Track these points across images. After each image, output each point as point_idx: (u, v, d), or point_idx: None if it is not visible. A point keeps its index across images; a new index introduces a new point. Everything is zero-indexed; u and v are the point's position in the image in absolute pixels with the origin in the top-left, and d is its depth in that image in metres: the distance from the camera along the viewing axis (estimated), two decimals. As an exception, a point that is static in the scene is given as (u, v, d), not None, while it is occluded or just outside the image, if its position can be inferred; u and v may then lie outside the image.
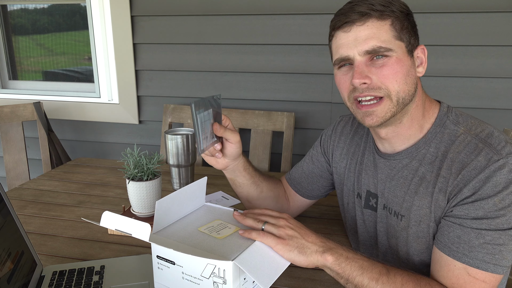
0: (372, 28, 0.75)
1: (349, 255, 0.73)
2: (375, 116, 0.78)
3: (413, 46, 0.78)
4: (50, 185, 1.41)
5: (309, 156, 1.10)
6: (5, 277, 0.67)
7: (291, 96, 1.76)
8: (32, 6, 2.05)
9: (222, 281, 0.68)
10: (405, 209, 0.82)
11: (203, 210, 0.89)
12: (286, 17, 1.68)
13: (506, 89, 1.57)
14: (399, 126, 0.82)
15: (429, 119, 0.82)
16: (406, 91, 0.77)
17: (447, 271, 0.73)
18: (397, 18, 0.76)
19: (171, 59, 1.84)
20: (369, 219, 0.93)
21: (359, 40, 0.76)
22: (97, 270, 0.85)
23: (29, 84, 2.13)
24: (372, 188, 0.91)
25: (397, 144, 0.84)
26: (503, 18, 1.51)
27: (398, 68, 0.75)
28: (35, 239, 1.02)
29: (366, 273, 0.71)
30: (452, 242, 0.73)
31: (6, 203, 0.77)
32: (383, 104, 0.77)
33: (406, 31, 0.77)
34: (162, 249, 0.74)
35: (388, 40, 0.75)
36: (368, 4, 0.75)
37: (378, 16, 0.75)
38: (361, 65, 0.76)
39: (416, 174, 0.81)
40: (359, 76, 0.76)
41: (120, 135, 2.02)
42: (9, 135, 1.82)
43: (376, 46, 0.75)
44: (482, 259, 0.70)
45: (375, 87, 0.76)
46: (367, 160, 0.93)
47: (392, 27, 0.75)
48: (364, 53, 0.76)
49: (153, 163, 1.05)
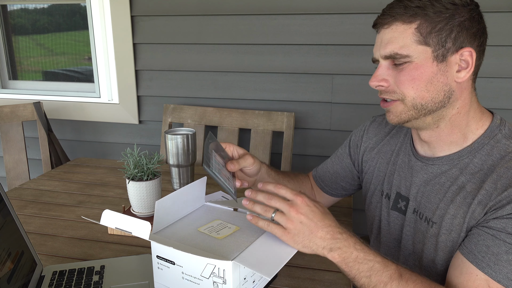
0: (395, 32, 0.74)
1: (360, 255, 0.69)
2: (391, 114, 0.80)
3: (448, 50, 0.72)
4: (50, 185, 1.41)
5: (336, 155, 1.09)
6: (5, 277, 0.67)
7: (291, 96, 1.76)
8: (32, 6, 2.05)
9: (222, 281, 0.68)
10: (438, 216, 0.79)
11: (203, 210, 0.89)
12: (286, 17, 1.68)
13: (506, 89, 1.57)
14: (436, 130, 0.80)
15: (476, 129, 0.78)
16: (427, 98, 0.75)
17: (467, 279, 0.70)
18: (428, 20, 0.72)
19: (171, 59, 1.84)
20: (395, 221, 0.90)
21: (382, 44, 0.76)
22: (97, 270, 0.85)
23: (29, 84, 2.14)
24: (403, 190, 0.88)
25: (437, 149, 0.82)
26: (503, 18, 1.51)
27: (417, 75, 0.74)
28: (35, 239, 1.02)
29: (375, 276, 0.68)
30: (479, 251, 0.69)
31: (6, 203, 0.77)
32: (395, 105, 0.78)
33: (437, 34, 0.72)
34: (162, 249, 0.74)
35: (407, 45, 0.73)
36: (400, 7, 0.74)
37: (405, 18, 0.73)
38: (382, 68, 0.78)
39: (455, 182, 0.78)
40: (374, 79, 0.78)
41: (120, 135, 2.02)
42: (9, 135, 1.82)
43: (393, 52, 0.74)
44: (506, 275, 0.67)
45: (391, 90, 0.77)
46: (401, 162, 0.90)
47: (417, 30, 0.72)
48: (384, 57, 0.77)
49: (153, 163, 1.05)
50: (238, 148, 0.90)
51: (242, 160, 0.88)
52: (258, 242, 0.75)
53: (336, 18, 1.62)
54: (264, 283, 0.80)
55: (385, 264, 0.70)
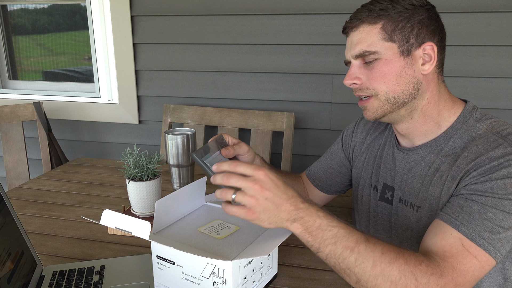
0: (362, 33, 0.81)
1: (323, 222, 0.67)
2: (368, 111, 0.85)
3: (411, 46, 0.79)
4: (50, 185, 1.41)
5: (329, 152, 1.12)
6: (5, 277, 0.67)
7: (291, 96, 1.76)
8: (32, 6, 2.05)
9: (222, 281, 0.68)
10: (421, 200, 0.84)
11: (202, 210, 0.89)
12: (286, 17, 1.68)
13: (506, 89, 1.57)
14: (411, 122, 0.85)
15: (449, 117, 0.83)
16: (399, 91, 0.80)
17: (441, 238, 0.71)
18: (391, 20, 0.78)
19: (171, 59, 1.84)
20: (383, 211, 0.94)
21: (351, 45, 0.83)
22: (97, 270, 0.85)
23: (29, 84, 2.14)
24: (389, 181, 0.93)
25: (415, 139, 0.87)
26: (503, 18, 1.51)
27: (387, 70, 0.79)
28: (35, 239, 1.02)
29: (340, 242, 0.66)
30: (453, 211, 0.72)
31: (6, 203, 0.77)
32: (371, 102, 0.83)
33: (400, 31, 0.78)
34: (162, 249, 0.74)
35: (374, 43, 0.79)
36: (366, 10, 0.81)
37: (371, 20, 0.80)
38: (354, 67, 0.83)
39: (432, 165, 0.83)
40: (348, 77, 0.84)
41: (120, 135, 2.02)
42: (9, 135, 1.82)
43: (362, 50, 0.80)
44: (479, 233, 0.69)
45: (364, 87, 0.83)
46: (386, 154, 0.95)
47: (382, 29, 0.79)
48: (355, 57, 0.82)
49: (153, 163, 1.05)
50: (233, 137, 0.91)
51: (237, 147, 0.89)
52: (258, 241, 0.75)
53: (336, 18, 1.62)
54: (264, 283, 0.80)
55: (350, 230, 0.68)
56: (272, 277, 0.83)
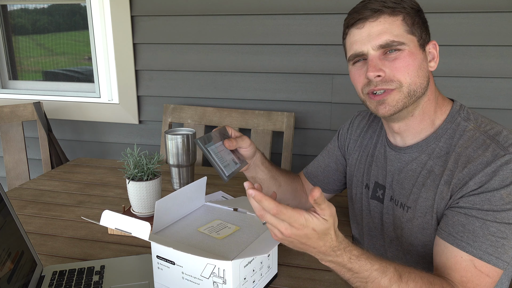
0: (385, 23, 0.78)
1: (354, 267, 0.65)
2: (387, 105, 0.80)
3: (424, 41, 0.81)
4: (50, 185, 1.41)
5: (326, 150, 1.13)
6: (5, 277, 0.67)
7: (291, 96, 1.76)
8: (32, 6, 2.04)
9: (222, 281, 0.68)
10: (412, 201, 0.84)
11: (202, 210, 0.89)
12: (286, 17, 1.67)
13: (506, 89, 1.57)
14: (411, 119, 0.84)
15: (441, 115, 0.85)
16: (418, 83, 0.79)
17: (454, 263, 0.73)
18: (408, 14, 0.79)
19: (171, 59, 1.84)
20: (375, 209, 0.95)
21: (372, 35, 0.79)
22: (97, 270, 0.85)
23: (29, 84, 2.13)
24: (380, 179, 0.93)
25: (408, 138, 0.87)
26: (503, 18, 1.51)
27: (411, 61, 0.78)
28: (35, 239, 1.02)
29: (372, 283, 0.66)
30: (456, 231, 0.73)
31: (6, 203, 0.77)
32: (394, 94, 0.79)
33: (417, 26, 0.80)
34: (162, 249, 0.74)
35: (400, 34, 0.78)
36: (380, 1, 0.79)
37: (390, 12, 0.78)
38: (374, 59, 0.79)
39: (425, 167, 0.83)
40: (373, 69, 0.78)
41: (120, 135, 2.02)
42: (9, 135, 1.82)
43: (389, 40, 0.77)
44: (485, 250, 0.71)
45: (388, 79, 0.79)
46: (378, 153, 0.96)
47: (404, 22, 0.78)
48: (378, 48, 0.79)
49: (153, 163, 1.05)
50: (235, 131, 0.93)
51: (239, 139, 0.90)
52: (258, 241, 0.75)
53: (336, 18, 1.62)
54: (264, 283, 0.80)
55: (383, 271, 0.66)
56: (272, 277, 0.83)
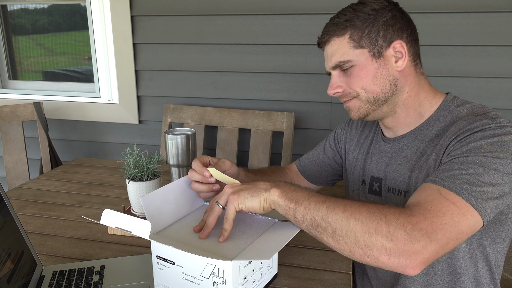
0: (333, 45, 0.87)
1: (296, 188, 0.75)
2: (352, 111, 0.91)
3: (381, 47, 0.84)
4: (50, 185, 1.41)
5: (321, 147, 1.16)
6: (5, 277, 0.67)
7: (291, 96, 1.76)
8: (32, 6, 2.04)
9: (222, 281, 0.68)
10: (408, 185, 0.87)
11: (202, 210, 0.89)
12: (286, 17, 1.67)
13: (506, 89, 1.57)
14: (395, 116, 0.90)
15: (431, 107, 0.88)
16: (377, 91, 0.86)
17: (420, 192, 0.72)
18: (356, 28, 0.84)
19: (171, 59, 1.84)
20: None
21: (327, 57, 0.90)
22: (97, 270, 0.85)
23: (29, 84, 2.13)
24: (375, 173, 0.96)
25: (399, 130, 0.92)
26: (503, 18, 1.51)
27: (363, 74, 0.85)
28: (35, 239, 1.02)
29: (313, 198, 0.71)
30: (436, 174, 0.74)
31: (6, 203, 0.77)
32: (353, 102, 0.89)
33: (367, 37, 0.84)
34: (162, 249, 0.74)
35: (346, 52, 0.85)
36: (333, 23, 0.87)
37: (339, 32, 0.86)
38: (334, 77, 0.90)
39: (418, 151, 0.87)
40: (330, 88, 0.91)
41: (120, 135, 2.02)
42: (9, 135, 1.82)
43: (337, 61, 0.87)
44: (459, 185, 0.69)
45: (346, 93, 0.89)
46: (373, 149, 0.99)
47: (350, 39, 0.84)
48: (333, 68, 0.89)
49: (153, 163, 1.05)
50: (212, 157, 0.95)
51: (221, 163, 0.93)
52: (258, 241, 0.75)
53: (336, 18, 1.62)
54: (264, 283, 0.80)
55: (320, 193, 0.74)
56: (272, 277, 0.83)
